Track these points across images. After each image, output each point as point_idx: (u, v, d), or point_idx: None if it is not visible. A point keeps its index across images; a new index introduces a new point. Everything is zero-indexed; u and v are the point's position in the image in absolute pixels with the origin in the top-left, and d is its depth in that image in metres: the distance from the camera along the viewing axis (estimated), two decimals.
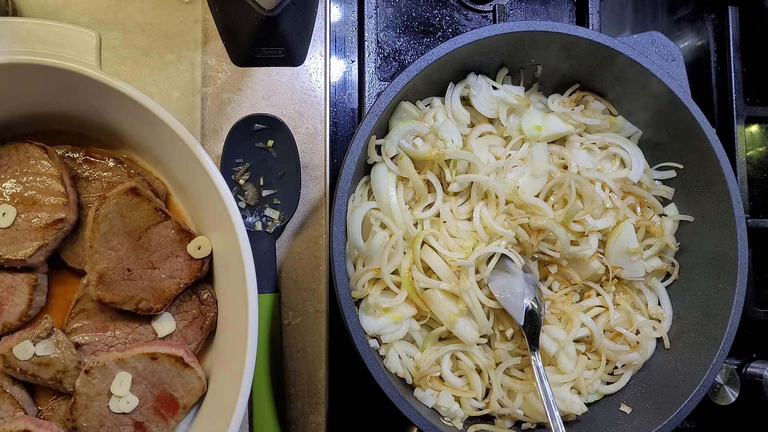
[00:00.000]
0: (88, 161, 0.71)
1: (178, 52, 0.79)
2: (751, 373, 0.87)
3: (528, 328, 0.71)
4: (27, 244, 0.65)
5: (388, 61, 0.89)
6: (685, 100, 0.73)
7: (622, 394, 0.77)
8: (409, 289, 0.70)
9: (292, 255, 0.79)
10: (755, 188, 0.98)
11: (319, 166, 0.81)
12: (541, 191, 0.75)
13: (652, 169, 0.81)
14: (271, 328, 0.74)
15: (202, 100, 0.79)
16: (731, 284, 0.72)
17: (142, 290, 0.67)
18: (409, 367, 0.72)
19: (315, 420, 0.77)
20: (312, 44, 0.82)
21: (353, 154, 0.68)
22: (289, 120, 0.79)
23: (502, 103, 0.77)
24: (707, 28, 1.00)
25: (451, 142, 0.73)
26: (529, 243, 0.72)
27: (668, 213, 0.80)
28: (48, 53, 0.61)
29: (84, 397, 0.64)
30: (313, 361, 0.77)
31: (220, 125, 0.79)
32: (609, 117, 0.80)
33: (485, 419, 0.74)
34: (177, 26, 0.79)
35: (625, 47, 0.73)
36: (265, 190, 0.77)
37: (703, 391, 0.70)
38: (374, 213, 0.72)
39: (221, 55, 0.80)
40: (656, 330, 0.77)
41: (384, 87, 0.86)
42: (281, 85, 0.81)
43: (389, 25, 0.90)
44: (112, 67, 0.78)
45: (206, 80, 0.80)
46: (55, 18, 0.77)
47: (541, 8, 0.94)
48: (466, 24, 0.92)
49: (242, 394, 0.59)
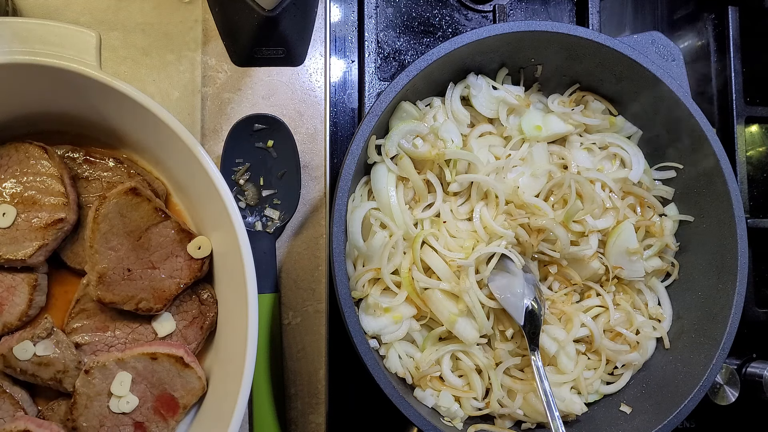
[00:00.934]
0: (88, 161, 0.71)
1: (178, 52, 0.79)
2: (751, 373, 0.87)
3: (528, 328, 0.71)
4: (27, 244, 0.65)
5: (388, 61, 0.89)
6: (685, 100, 0.73)
7: (622, 394, 0.77)
8: (409, 289, 0.70)
9: (292, 255, 0.79)
10: (755, 188, 0.98)
11: (319, 166, 0.81)
12: (541, 191, 0.75)
13: (652, 169, 0.81)
14: (271, 328, 0.74)
15: (202, 100, 0.79)
16: (731, 284, 0.72)
17: (142, 290, 0.67)
18: (409, 367, 0.72)
19: (315, 420, 0.77)
20: (312, 44, 0.82)
21: (353, 154, 0.68)
22: (289, 120, 0.79)
23: (502, 103, 0.77)
24: (707, 28, 1.00)
25: (451, 142, 0.73)
26: (529, 243, 0.72)
27: (668, 213, 0.80)
28: (48, 53, 0.61)
29: (84, 397, 0.64)
30: (313, 361, 0.77)
31: (220, 125, 0.79)
32: (609, 117, 0.80)
33: (485, 419, 0.74)
34: (177, 26, 0.79)
35: (625, 47, 0.73)
36: (265, 190, 0.77)
37: (703, 391, 0.70)
38: (374, 213, 0.72)
39: (221, 55, 0.80)
40: (656, 330, 0.77)
41: (384, 87, 0.86)
42: (281, 85, 0.81)
43: (389, 25, 0.90)
44: (112, 67, 0.78)
45: (206, 80, 0.80)
46: (55, 18, 0.77)
47: (541, 8, 0.94)
48: (466, 24, 0.92)
49: (242, 394, 0.59)
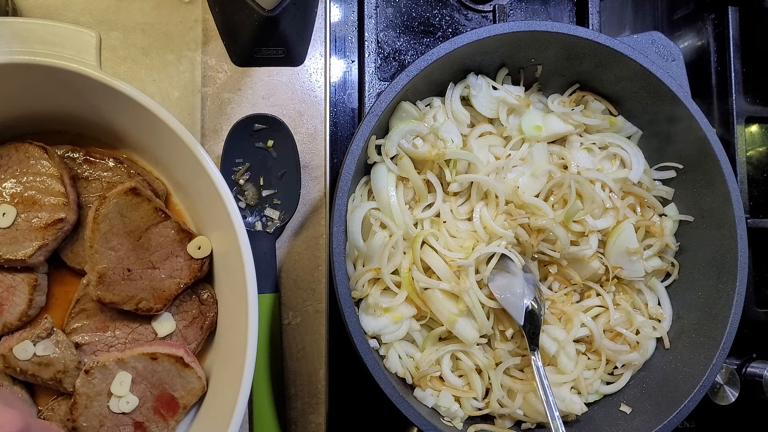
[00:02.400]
0: (88, 161, 0.71)
1: (178, 52, 0.79)
2: (751, 373, 0.87)
3: (528, 328, 0.71)
4: (27, 244, 0.65)
5: (388, 61, 0.89)
6: (685, 100, 0.73)
7: (622, 394, 0.77)
8: (409, 289, 0.70)
9: (292, 255, 0.79)
10: (755, 188, 0.98)
11: (319, 166, 0.81)
12: (541, 191, 0.75)
13: (652, 169, 0.81)
14: (271, 328, 0.74)
15: (202, 100, 0.79)
16: (731, 284, 0.72)
17: (142, 290, 0.67)
18: (409, 367, 0.72)
19: (315, 420, 0.77)
20: (312, 44, 0.82)
21: (353, 154, 0.68)
22: (289, 120, 0.79)
23: (502, 104, 0.77)
24: (707, 28, 1.00)
25: (451, 142, 0.73)
26: (529, 243, 0.72)
27: (668, 213, 0.80)
28: (48, 53, 0.61)
29: (84, 397, 0.64)
30: (313, 361, 0.77)
31: (220, 125, 0.79)
32: (609, 117, 0.80)
33: (485, 419, 0.74)
34: (177, 26, 0.79)
35: (625, 47, 0.73)
36: (265, 190, 0.77)
37: (703, 391, 0.70)
38: (374, 213, 0.72)
39: (221, 55, 0.80)
40: (656, 330, 0.77)
41: (384, 87, 0.86)
42: (281, 85, 0.81)
43: (389, 25, 0.90)
44: (112, 67, 0.78)
45: (206, 80, 0.80)
46: (55, 18, 0.77)
47: (541, 8, 0.94)
48: (466, 24, 0.92)
49: (242, 394, 0.59)
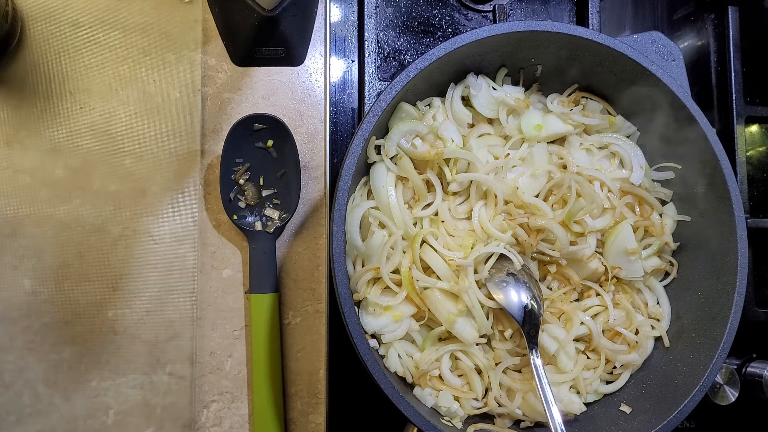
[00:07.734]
0: None
1: (178, 52, 0.79)
2: (751, 373, 0.87)
3: (527, 327, 0.71)
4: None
5: (388, 61, 0.89)
6: (685, 100, 0.73)
7: (622, 394, 0.77)
8: (409, 289, 0.70)
9: (292, 255, 0.79)
10: (755, 188, 0.98)
11: (319, 166, 0.81)
12: (540, 191, 0.75)
13: (651, 169, 0.81)
14: (271, 328, 0.74)
15: (202, 100, 0.79)
16: (731, 284, 0.72)
17: None
18: (408, 367, 0.72)
19: (315, 420, 0.77)
20: (312, 44, 0.82)
21: (353, 154, 0.68)
22: (289, 120, 0.79)
23: (502, 104, 0.77)
24: (707, 28, 1.00)
25: (451, 142, 0.73)
26: (528, 243, 0.72)
27: (667, 213, 0.80)
28: None
29: None
30: (313, 361, 0.77)
31: (220, 125, 0.79)
32: (608, 117, 0.80)
33: (485, 418, 0.74)
34: (177, 26, 0.79)
35: (625, 47, 0.73)
36: (265, 190, 0.77)
37: (703, 391, 0.70)
38: (373, 212, 0.72)
39: (221, 55, 0.80)
40: (655, 329, 0.77)
41: (384, 87, 0.86)
42: (281, 85, 0.81)
43: (389, 25, 0.90)
44: (112, 67, 0.78)
45: (206, 80, 0.80)
46: (55, 17, 0.77)
47: (541, 8, 0.94)
48: (466, 24, 0.92)
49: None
